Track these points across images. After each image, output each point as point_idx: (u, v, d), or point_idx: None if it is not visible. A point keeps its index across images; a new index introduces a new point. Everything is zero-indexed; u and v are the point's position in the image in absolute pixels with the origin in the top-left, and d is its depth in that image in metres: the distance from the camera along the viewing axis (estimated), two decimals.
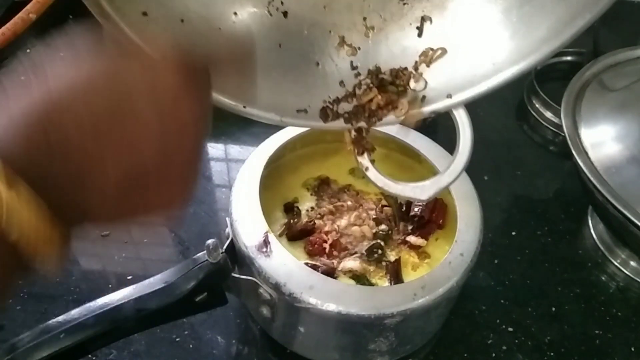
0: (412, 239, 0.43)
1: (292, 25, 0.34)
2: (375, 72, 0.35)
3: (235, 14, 0.33)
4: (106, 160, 0.22)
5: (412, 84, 0.34)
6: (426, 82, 0.34)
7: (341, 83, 0.35)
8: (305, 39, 0.35)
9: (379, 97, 0.34)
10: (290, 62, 0.35)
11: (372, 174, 0.33)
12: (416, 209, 0.45)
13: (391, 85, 0.34)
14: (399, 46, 0.35)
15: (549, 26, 0.31)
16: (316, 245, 0.42)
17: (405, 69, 0.35)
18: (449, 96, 0.34)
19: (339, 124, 0.34)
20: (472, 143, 0.33)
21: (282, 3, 0.34)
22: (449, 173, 0.32)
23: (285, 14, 0.34)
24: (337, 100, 0.35)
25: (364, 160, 0.33)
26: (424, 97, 0.33)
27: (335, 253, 0.42)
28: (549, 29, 0.31)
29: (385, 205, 0.46)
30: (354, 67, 0.35)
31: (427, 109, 0.34)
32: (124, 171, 0.22)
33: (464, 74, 0.33)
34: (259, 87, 0.34)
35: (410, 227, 0.44)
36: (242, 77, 0.33)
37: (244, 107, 0.33)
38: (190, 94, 0.24)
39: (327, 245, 0.42)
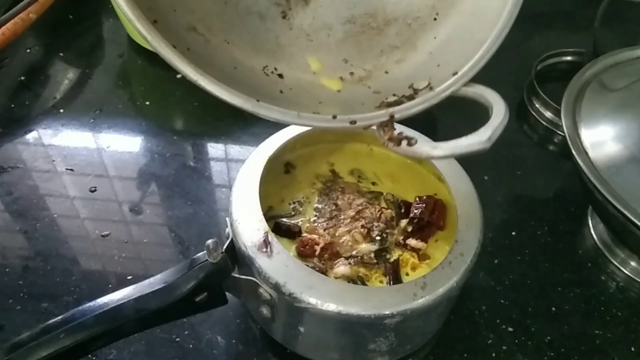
0: (412, 242, 0.43)
1: None
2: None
3: None
4: None
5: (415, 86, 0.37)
6: (429, 80, 0.37)
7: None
8: None
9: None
10: None
11: (417, 148, 0.33)
12: (415, 211, 0.44)
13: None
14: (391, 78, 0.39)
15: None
16: (307, 247, 0.42)
17: None
18: (455, 74, 0.37)
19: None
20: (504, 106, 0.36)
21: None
22: (494, 118, 0.35)
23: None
24: None
25: (404, 147, 0.34)
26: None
27: (326, 256, 0.42)
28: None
29: (385, 208, 0.46)
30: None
31: (442, 87, 0.37)
32: None
33: (457, 61, 0.37)
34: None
35: (409, 229, 0.44)
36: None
37: (258, 100, 0.33)
38: None
39: (318, 248, 0.42)
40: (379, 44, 0.40)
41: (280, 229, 0.43)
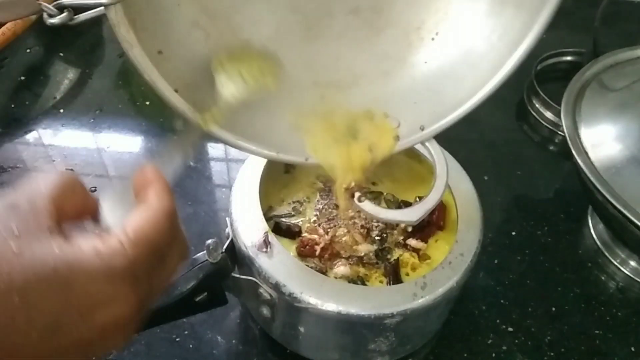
0: (412, 242, 0.43)
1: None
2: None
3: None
4: None
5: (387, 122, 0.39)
6: (399, 121, 0.39)
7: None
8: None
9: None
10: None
11: (366, 205, 0.37)
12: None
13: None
14: (371, 96, 0.40)
15: (495, 60, 0.36)
16: (307, 247, 0.42)
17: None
18: (422, 128, 0.39)
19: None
20: (447, 167, 0.38)
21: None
22: (432, 195, 0.37)
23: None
24: None
25: (355, 200, 0.37)
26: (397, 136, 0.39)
27: (326, 257, 0.42)
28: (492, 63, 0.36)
29: (385, 208, 0.46)
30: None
31: (403, 142, 0.39)
32: None
33: (431, 110, 0.39)
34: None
35: (409, 229, 0.44)
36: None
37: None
38: (129, 305, 0.23)
39: (318, 248, 0.42)
40: (374, 46, 0.40)
41: (280, 228, 0.43)
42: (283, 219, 0.44)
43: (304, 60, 0.39)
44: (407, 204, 0.46)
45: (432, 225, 0.44)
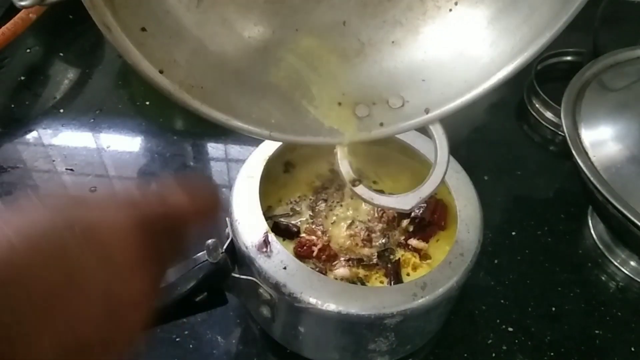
0: (413, 242, 0.43)
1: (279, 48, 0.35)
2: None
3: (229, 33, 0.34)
4: (43, 333, 0.20)
5: (390, 100, 0.36)
6: (404, 99, 0.36)
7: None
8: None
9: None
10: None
11: (359, 189, 0.34)
12: (417, 211, 0.44)
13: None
14: (377, 68, 0.37)
15: (514, 44, 0.33)
16: (305, 248, 0.42)
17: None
18: (427, 111, 0.35)
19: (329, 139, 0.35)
20: (449, 154, 0.35)
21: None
22: (429, 184, 0.34)
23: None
24: None
25: (349, 184, 0.34)
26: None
27: (324, 257, 0.42)
28: (516, 46, 0.33)
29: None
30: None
31: (406, 124, 0.35)
32: (63, 346, 0.21)
33: (439, 91, 0.35)
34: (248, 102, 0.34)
35: (411, 228, 0.44)
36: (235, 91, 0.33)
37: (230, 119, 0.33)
38: (146, 269, 0.23)
39: (315, 249, 0.42)
40: (386, 12, 0.36)
41: (279, 228, 0.43)
42: (282, 219, 0.44)
43: (308, 25, 0.36)
44: None
45: (433, 225, 0.44)
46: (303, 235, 0.43)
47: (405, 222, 0.45)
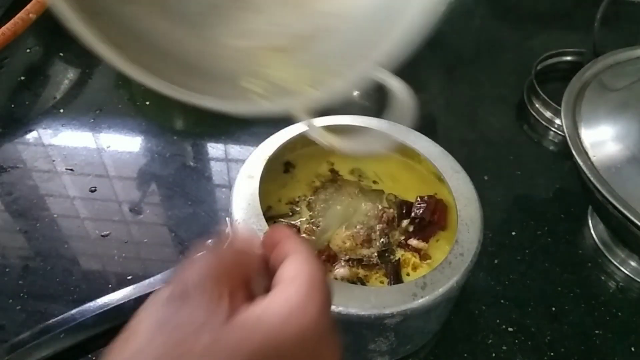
0: (413, 242, 0.43)
1: None
2: None
3: None
4: None
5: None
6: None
7: None
8: None
9: None
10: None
11: (311, 125, 0.33)
12: (417, 211, 0.45)
13: None
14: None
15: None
16: None
17: None
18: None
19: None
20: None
21: None
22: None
23: None
24: None
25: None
26: None
27: (323, 258, 0.42)
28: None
29: (387, 208, 0.46)
30: None
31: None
32: None
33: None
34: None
35: (411, 228, 0.44)
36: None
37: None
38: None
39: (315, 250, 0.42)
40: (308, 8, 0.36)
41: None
42: (281, 219, 0.44)
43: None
44: (408, 204, 0.46)
45: (433, 225, 0.44)
46: (303, 235, 0.43)
47: (405, 222, 0.45)
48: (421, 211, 0.44)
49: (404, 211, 0.45)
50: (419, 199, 0.45)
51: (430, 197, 0.45)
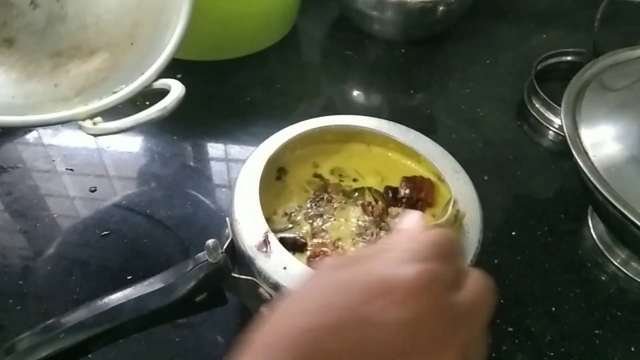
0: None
1: None
2: None
3: None
4: None
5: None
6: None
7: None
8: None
9: None
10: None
11: (103, 126, 0.46)
12: (404, 191, 0.45)
13: None
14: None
15: None
16: (318, 258, 0.42)
17: None
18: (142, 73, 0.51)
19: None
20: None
21: None
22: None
23: None
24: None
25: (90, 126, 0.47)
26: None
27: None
28: None
29: (376, 201, 0.46)
30: None
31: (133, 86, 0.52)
32: None
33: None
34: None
35: (400, 209, 0.44)
36: None
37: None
38: None
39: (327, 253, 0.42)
40: (86, 69, 0.53)
41: (286, 243, 0.43)
42: (284, 235, 0.43)
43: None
44: (393, 189, 0.46)
45: (421, 201, 0.45)
46: (310, 248, 0.43)
47: (395, 210, 0.45)
48: (408, 191, 0.45)
49: (391, 195, 0.46)
50: (404, 179, 0.46)
51: (414, 177, 0.46)
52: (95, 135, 0.47)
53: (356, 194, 0.46)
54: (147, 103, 0.68)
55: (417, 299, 0.19)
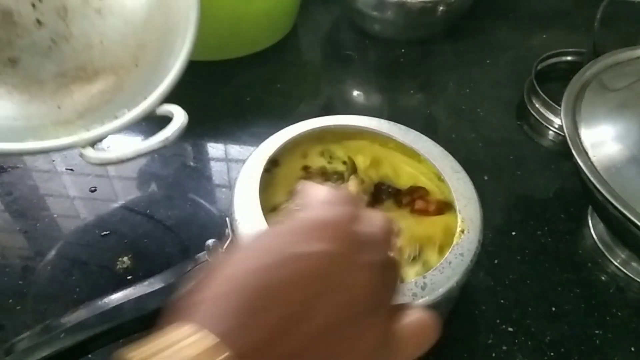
0: (418, 203, 0.44)
1: None
2: None
3: None
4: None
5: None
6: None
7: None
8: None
9: None
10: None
11: (104, 154, 0.44)
12: (383, 187, 0.46)
13: None
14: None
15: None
16: None
17: None
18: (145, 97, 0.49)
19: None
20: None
21: None
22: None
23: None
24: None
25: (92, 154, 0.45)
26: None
27: None
28: None
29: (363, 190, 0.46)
30: None
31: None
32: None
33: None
34: None
35: (384, 198, 0.45)
36: None
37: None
38: None
39: None
40: (90, 90, 0.52)
41: None
42: None
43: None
44: (376, 187, 0.46)
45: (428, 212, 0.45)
46: None
47: (388, 202, 0.45)
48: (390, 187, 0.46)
49: (373, 191, 0.46)
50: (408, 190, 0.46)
51: (413, 187, 0.47)
52: (95, 165, 0.46)
53: (335, 176, 0.46)
54: None
55: (331, 232, 0.24)
